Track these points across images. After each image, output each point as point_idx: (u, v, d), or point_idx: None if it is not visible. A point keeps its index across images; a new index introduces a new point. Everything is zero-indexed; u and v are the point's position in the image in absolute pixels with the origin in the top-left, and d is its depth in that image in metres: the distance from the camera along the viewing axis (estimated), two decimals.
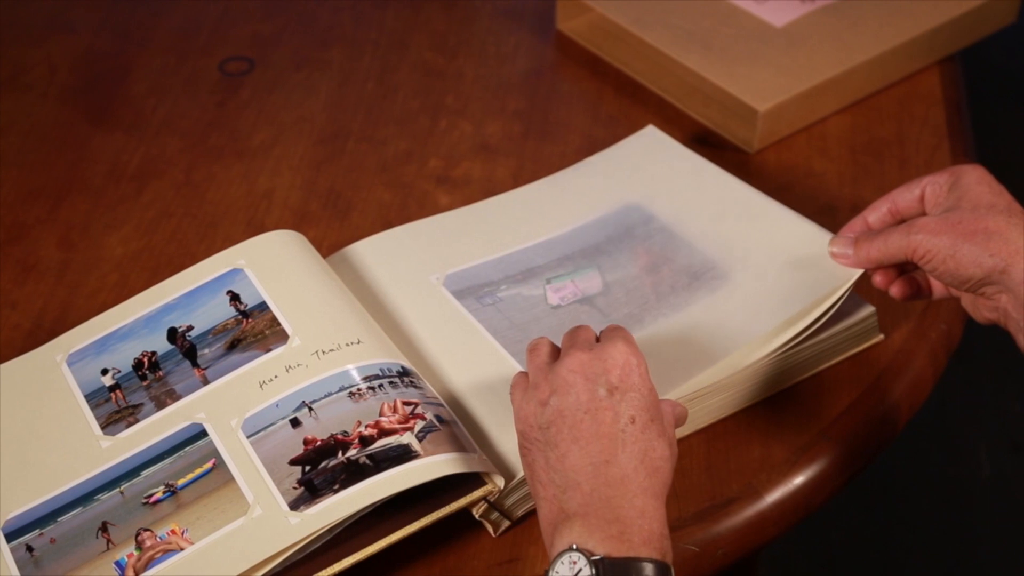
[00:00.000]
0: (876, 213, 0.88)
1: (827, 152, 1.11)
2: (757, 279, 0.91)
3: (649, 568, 0.67)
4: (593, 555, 0.67)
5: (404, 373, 0.85)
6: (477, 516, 0.80)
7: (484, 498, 0.79)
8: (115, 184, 1.10)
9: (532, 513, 0.82)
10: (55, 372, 0.90)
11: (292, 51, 1.26)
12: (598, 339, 0.77)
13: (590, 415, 0.71)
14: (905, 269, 0.88)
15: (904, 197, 0.86)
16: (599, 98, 1.19)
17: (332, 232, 1.04)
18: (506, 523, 0.81)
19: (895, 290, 0.87)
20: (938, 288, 0.87)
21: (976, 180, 0.82)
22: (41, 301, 0.99)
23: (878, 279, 0.88)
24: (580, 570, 0.67)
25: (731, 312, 0.89)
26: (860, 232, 0.87)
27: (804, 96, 1.11)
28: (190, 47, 1.26)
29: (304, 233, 0.97)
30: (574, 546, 0.68)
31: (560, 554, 0.68)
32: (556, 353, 0.77)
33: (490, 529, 0.81)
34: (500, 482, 0.79)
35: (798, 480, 0.85)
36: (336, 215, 1.06)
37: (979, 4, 1.18)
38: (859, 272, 0.87)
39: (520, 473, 0.79)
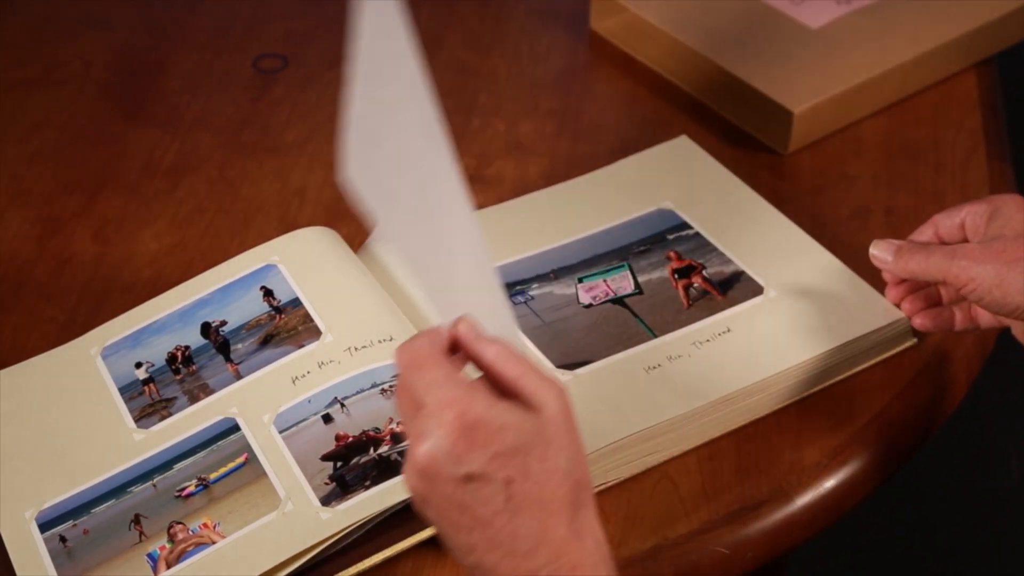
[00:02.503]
0: (923, 237, 0.87)
1: (861, 155, 1.11)
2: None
3: None
4: None
5: None
6: None
7: None
8: (149, 179, 1.11)
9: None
10: (89, 365, 0.90)
11: (326, 49, 1.26)
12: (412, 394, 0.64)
13: (467, 509, 0.62)
14: (932, 300, 0.87)
15: (945, 224, 0.85)
16: (632, 98, 1.19)
17: (364, 229, 1.04)
18: None
19: (919, 321, 0.87)
20: (961, 321, 0.87)
21: (1017, 208, 0.82)
22: (76, 295, 1.00)
23: (892, 294, 0.88)
24: None
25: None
26: (904, 242, 0.86)
27: (839, 98, 1.10)
28: (224, 44, 1.27)
29: (336, 230, 0.98)
30: None
31: None
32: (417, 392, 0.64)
33: None
34: None
35: (829, 484, 0.85)
36: None
37: (1017, 7, 1.17)
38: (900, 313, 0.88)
39: None
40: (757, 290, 0.92)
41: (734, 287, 0.93)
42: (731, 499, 0.83)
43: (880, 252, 0.86)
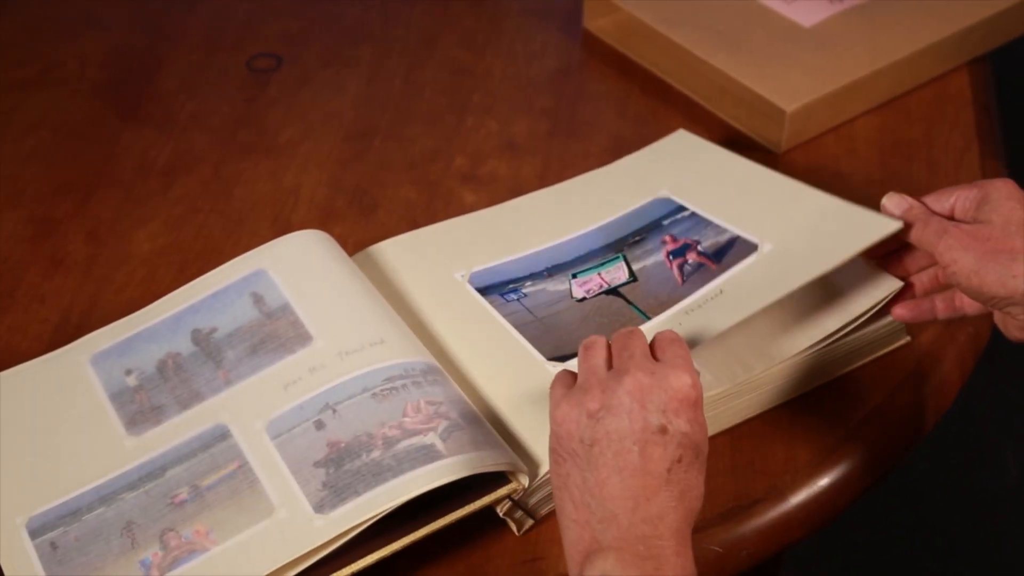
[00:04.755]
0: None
1: (855, 153, 1.11)
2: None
3: None
4: None
5: (428, 372, 0.85)
6: (501, 514, 0.80)
7: (508, 496, 0.79)
8: (143, 180, 1.11)
9: (556, 513, 0.82)
10: (80, 372, 0.90)
11: (320, 48, 1.26)
12: (652, 349, 0.75)
13: (639, 447, 0.69)
14: (914, 292, 0.87)
15: (935, 208, 0.85)
16: (626, 97, 1.19)
17: (358, 229, 1.04)
18: (530, 522, 0.81)
19: (898, 311, 0.87)
20: (943, 310, 0.87)
21: (1006, 195, 0.81)
22: (69, 296, 1.00)
23: (898, 309, 0.88)
24: None
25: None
26: (915, 203, 0.84)
27: (832, 97, 1.10)
28: (219, 44, 1.27)
29: (330, 230, 0.98)
30: None
31: None
32: (611, 357, 0.75)
33: (513, 527, 0.81)
34: (525, 480, 0.79)
35: (823, 482, 0.85)
36: (362, 213, 1.06)
37: (1010, 5, 1.18)
38: (892, 288, 0.86)
39: (545, 469, 0.79)
40: (751, 249, 0.91)
41: (728, 253, 0.91)
42: (725, 498, 0.84)
43: (891, 205, 0.85)
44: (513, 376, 0.87)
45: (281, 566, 0.76)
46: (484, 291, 0.93)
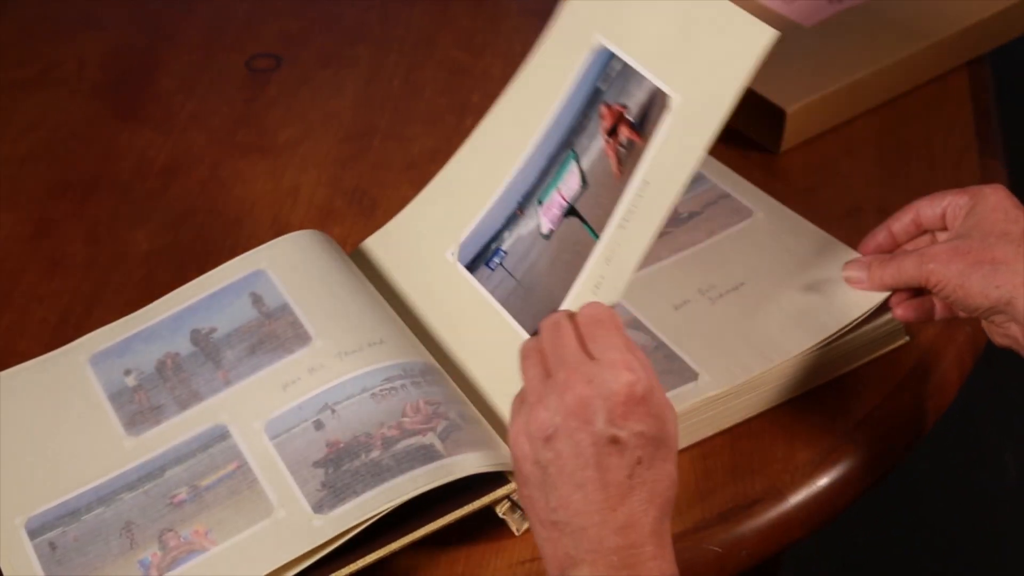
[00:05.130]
0: (900, 223, 0.87)
1: (854, 153, 1.11)
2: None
3: None
4: None
5: (427, 372, 0.85)
6: (500, 514, 0.80)
7: (507, 496, 0.79)
8: (142, 180, 1.11)
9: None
10: (79, 372, 0.90)
11: (319, 48, 1.26)
12: (582, 336, 0.71)
13: (594, 462, 0.67)
14: (914, 292, 0.87)
15: (926, 212, 0.86)
16: None
17: (357, 230, 1.04)
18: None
19: (900, 312, 0.87)
20: (941, 310, 0.87)
21: (993, 206, 0.82)
22: (68, 296, 1.00)
23: (899, 312, 0.87)
24: None
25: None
26: (873, 256, 0.87)
27: (832, 96, 1.10)
28: (218, 44, 1.27)
29: (329, 231, 0.98)
30: None
31: None
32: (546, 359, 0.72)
33: (513, 528, 0.81)
34: None
35: (822, 482, 0.85)
36: (361, 213, 1.06)
37: (1008, 5, 1.17)
38: (884, 295, 0.87)
39: None
40: (665, 105, 0.82)
41: (648, 118, 0.83)
42: (724, 498, 0.83)
43: (854, 273, 0.87)
44: (511, 371, 0.87)
45: (280, 566, 0.76)
46: (472, 265, 0.91)
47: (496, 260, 0.90)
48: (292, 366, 0.86)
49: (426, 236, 0.96)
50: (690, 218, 0.98)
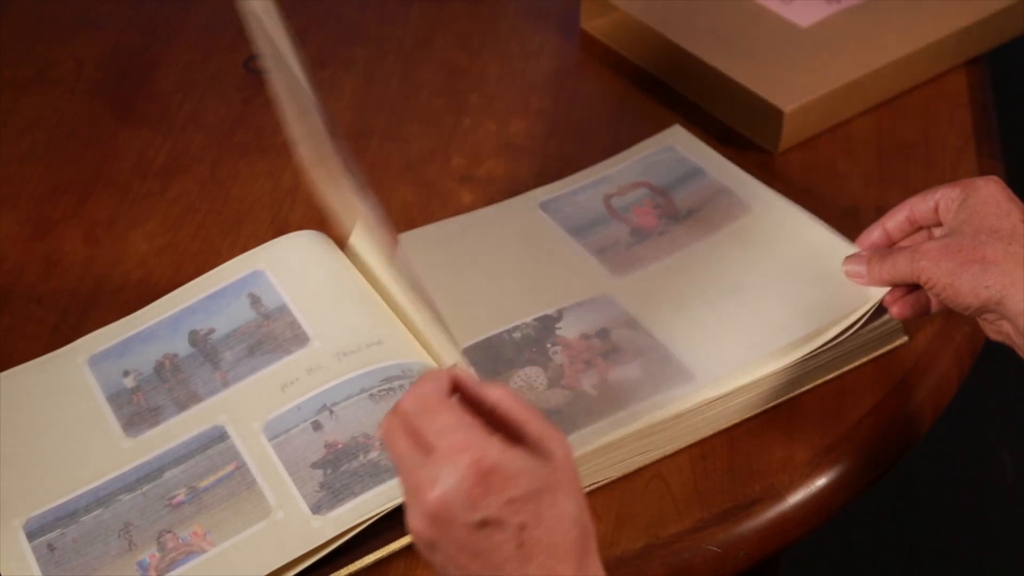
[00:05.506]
0: (894, 220, 0.88)
1: (852, 153, 1.11)
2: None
3: None
4: None
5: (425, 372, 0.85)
6: None
7: None
8: (140, 180, 1.11)
9: None
10: (77, 374, 0.90)
11: (317, 49, 1.26)
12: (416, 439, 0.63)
13: (475, 553, 0.62)
14: (909, 288, 0.88)
15: (920, 208, 0.87)
16: (623, 97, 1.19)
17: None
18: None
19: (896, 311, 0.87)
20: (937, 304, 0.87)
21: (984, 199, 0.82)
22: (66, 297, 1.00)
23: (895, 311, 0.88)
24: None
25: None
26: (872, 251, 0.88)
27: (829, 97, 1.10)
28: (216, 44, 1.27)
29: (327, 231, 0.98)
30: None
31: None
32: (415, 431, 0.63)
33: None
34: None
35: (821, 482, 0.85)
36: None
37: (1007, 5, 1.18)
38: (885, 290, 0.87)
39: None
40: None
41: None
42: (723, 498, 0.84)
43: (852, 267, 0.88)
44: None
45: (279, 567, 0.76)
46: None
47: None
48: (291, 367, 0.86)
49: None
50: (688, 215, 0.98)
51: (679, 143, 1.06)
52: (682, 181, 1.02)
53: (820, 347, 0.87)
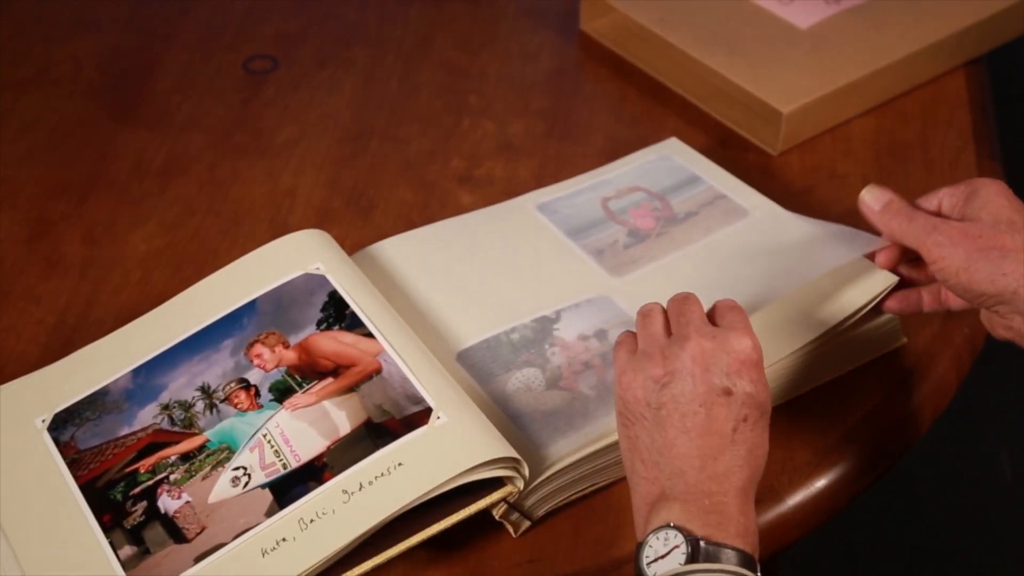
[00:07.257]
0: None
1: (851, 154, 1.11)
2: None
3: (740, 558, 0.68)
4: (691, 534, 0.68)
5: None
6: (497, 517, 0.80)
7: (504, 499, 0.79)
8: (139, 181, 1.11)
9: (552, 513, 0.82)
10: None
11: (316, 49, 1.26)
12: (710, 315, 0.77)
13: (705, 409, 0.71)
14: (901, 284, 0.87)
15: (923, 206, 0.85)
16: (622, 99, 1.19)
17: (354, 230, 1.04)
18: (526, 523, 0.81)
19: (887, 303, 0.87)
20: (929, 303, 0.87)
21: (996, 192, 0.81)
22: (65, 297, 1.00)
23: (881, 259, 0.87)
24: (676, 546, 0.68)
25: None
26: (897, 197, 0.85)
27: (828, 98, 1.10)
28: (215, 45, 1.27)
29: (327, 231, 0.98)
30: (671, 524, 0.69)
31: (656, 530, 0.69)
32: (667, 322, 0.77)
33: (511, 529, 0.81)
34: (520, 484, 0.79)
35: (820, 483, 0.85)
36: (359, 213, 1.06)
37: (1006, 6, 1.18)
38: (888, 284, 0.87)
39: (543, 472, 0.79)
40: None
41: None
42: None
43: (870, 199, 0.86)
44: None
45: None
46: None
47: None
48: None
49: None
50: (687, 218, 0.98)
51: (677, 153, 1.06)
52: (679, 187, 1.02)
53: (821, 336, 0.86)
